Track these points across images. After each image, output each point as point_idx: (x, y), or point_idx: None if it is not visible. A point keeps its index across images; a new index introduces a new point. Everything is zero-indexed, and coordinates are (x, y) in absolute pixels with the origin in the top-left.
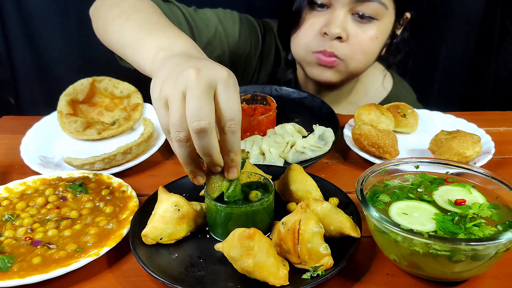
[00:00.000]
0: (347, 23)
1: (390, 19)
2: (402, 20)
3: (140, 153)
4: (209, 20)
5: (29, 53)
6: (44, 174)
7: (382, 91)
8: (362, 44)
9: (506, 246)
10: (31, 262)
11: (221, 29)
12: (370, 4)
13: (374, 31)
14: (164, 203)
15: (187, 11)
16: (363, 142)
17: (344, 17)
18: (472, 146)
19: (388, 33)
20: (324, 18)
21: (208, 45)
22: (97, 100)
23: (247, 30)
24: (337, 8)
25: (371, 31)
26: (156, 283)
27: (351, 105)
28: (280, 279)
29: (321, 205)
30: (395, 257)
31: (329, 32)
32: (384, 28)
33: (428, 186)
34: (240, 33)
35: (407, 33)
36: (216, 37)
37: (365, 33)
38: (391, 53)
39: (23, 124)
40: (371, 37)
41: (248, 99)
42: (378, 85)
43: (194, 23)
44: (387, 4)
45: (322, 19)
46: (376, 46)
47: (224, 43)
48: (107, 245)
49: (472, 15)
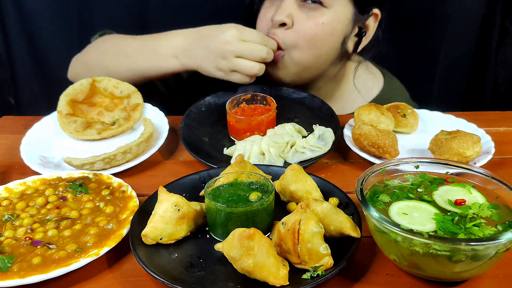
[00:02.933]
0: (294, 9)
1: (344, 9)
2: (367, 16)
3: (140, 153)
4: None
5: (29, 53)
6: (44, 174)
7: (372, 90)
8: (306, 30)
9: (506, 246)
10: (31, 262)
11: None
12: None
13: (320, 17)
14: (164, 203)
15: None
16: (363, 142)
17: (291, 4)
18: (472, 146)
19: (342, 24)
20: (275, 7)
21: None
22: (97, 100)
23: None
24: None
25: (318, 17)
26: (156, 283)
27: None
28: (280, 279)
29: (321, 205)
30: (395, 257)
31: (273, 19)
32: (334, 17)
33: (428, 186)
34: None
35: (380, 31)
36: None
37: (310, 19)
38: (364, 51)
39: (23, 124)
40: (316, 24)
41: (248, 99)
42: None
43: None
44: None
45: (274, 7)
46: (322, 34)
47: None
48: (107, 245)
49: (472, 15)
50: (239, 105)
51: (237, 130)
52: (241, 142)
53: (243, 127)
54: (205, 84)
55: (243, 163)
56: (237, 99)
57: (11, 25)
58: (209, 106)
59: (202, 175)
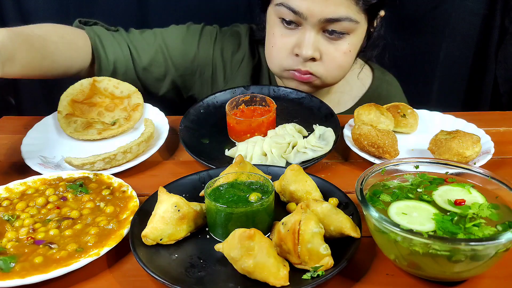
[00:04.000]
0: (319, 42)
1: (363, 29)
2: (376, 22)
3: (140, 153)
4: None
5: None
6: (44, 174)
7: (361, 86)
8: (336, 60)
9: (506, 246)
10: (33, 262)
11: (164, 47)
12: (341, 23)
13: (346, 45)
14: (164, 203)
15: (126, 35)
16: (363, 142)
17: (315, 36)
18: (471, 146)
19: (361, 41)
20: (295, 38)
21: (152, 62)
22: (97, 100)
23: (208, 42)
24: (307, 28)
25: (343, 45)
26: (156, 283)
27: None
28: (280, 279)
29: (321, 206)
30: (395, 257)
31: (301, 54)
32: (357, 40)
33: (427, 186)
34: (199, 46)
35: (383, 29)
36: (158, 55)
37: (337, 49)
38: (368, 49)
39: (24, 124)
40: (344, 52)
41: (247, 100)
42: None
43: (133, 44)
44: (358, 19)
45: (294, 38)
46: (350, 58)
47: (168, 60)
48: (107, 245)
49: (472, 15)
50: (238, 106)
51: (237, 132)
52: (243, 143)
53: (244, 128)
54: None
55: (242, 164)
56: (236, 101)
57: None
58: (208, 107)
59: (202, 175)
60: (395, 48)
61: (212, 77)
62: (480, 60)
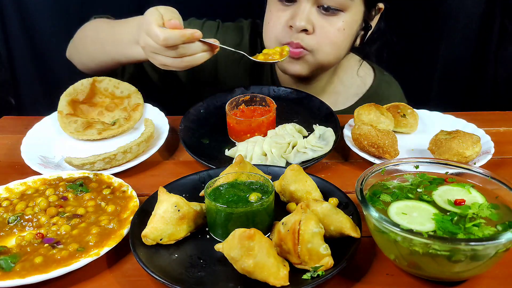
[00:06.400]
0: (313, 15)
1: (359, 10)
2: (374, 11)
3: (140, 153)
4: None
5: (29, 53)
6: (44, 174)
7: (362, 85)
8: (329, 35)
9: (506, 246)
10: (34, 262)
11: None
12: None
13: (341, 23)
14: (164, 203)
15: None
16: (363, 142)
17: (310, 9)
18: (471, 146)
19: (357, 24)
20: (291, 11)
21: None
22: (97, 100)
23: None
24: (302, 1)
25: (338, 22)
26: (156, 283)
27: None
28: (280, 279)
29: (321, 205)
30: (395, 257)
31: (294, 25)
32: (352, 19)
33: (427, 186)
34: None
35: (383, 24)
36: None
37: (331, 25)
38: (367, 44)
39: (24, 124)
40: (338, 28)
41: (247, 100)
42: (358, 79)
43: None
44: None
45: (289, 12)
46: (344, 37)
47: None
48: (107, 245)
49: (472, 14)
50: (238, 106)
51: (237, 132)
52: (243, 143)
53: (244, 128)
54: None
55: (242, 164)
56: (236, 101)
57: (11, 25)
58: (208, 108)
59: (202, 175)
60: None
61: (212, 71)
62: (480, 60)
